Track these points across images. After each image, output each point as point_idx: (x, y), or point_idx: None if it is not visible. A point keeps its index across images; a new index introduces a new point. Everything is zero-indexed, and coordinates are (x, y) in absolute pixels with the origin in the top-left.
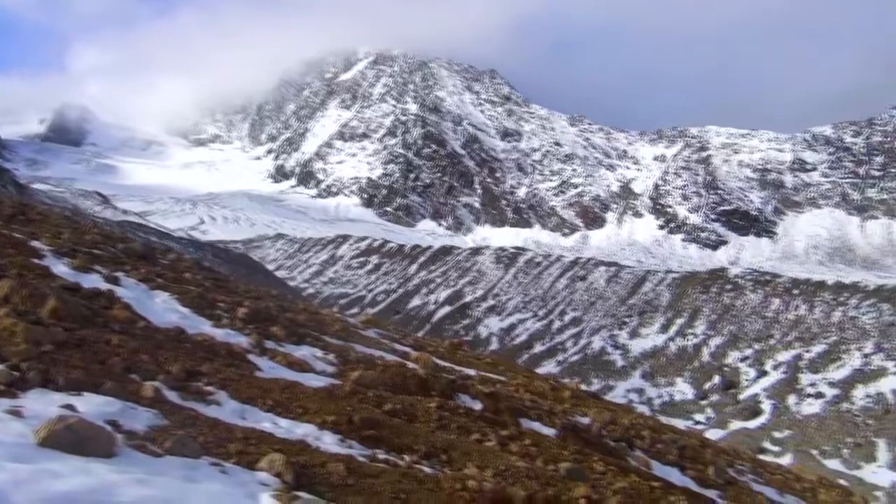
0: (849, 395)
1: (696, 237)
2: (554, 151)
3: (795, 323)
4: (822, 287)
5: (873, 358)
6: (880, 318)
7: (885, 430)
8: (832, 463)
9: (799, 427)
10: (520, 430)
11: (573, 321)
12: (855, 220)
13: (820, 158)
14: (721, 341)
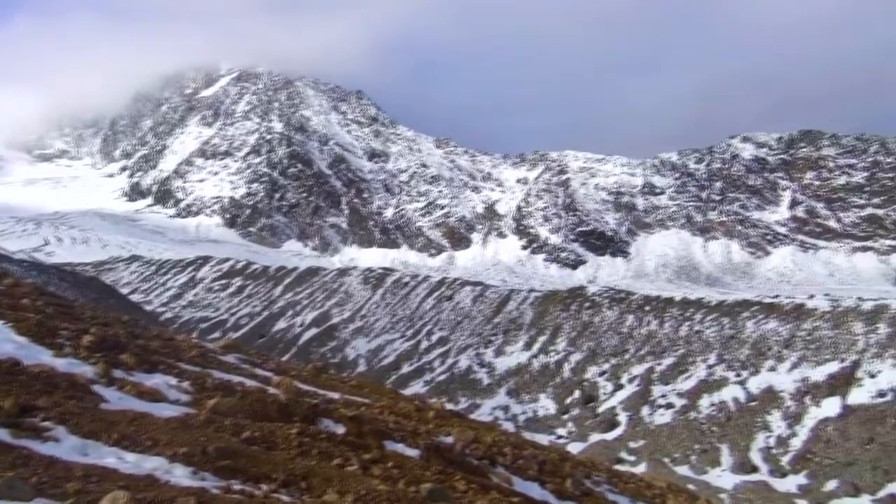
0: (695, 405)
1: (557, 257)
2: (421, 173)
3: (648, 338)
4: (671, 303)
5: (716, 369)
6: (722, 332)
7: (728, 436)
8: (682, 469)
9: (652, 436)
10: (383, 453)
11: (440, 340)
12: (699, 241)
13: (667, 183)
14: (581, 357)
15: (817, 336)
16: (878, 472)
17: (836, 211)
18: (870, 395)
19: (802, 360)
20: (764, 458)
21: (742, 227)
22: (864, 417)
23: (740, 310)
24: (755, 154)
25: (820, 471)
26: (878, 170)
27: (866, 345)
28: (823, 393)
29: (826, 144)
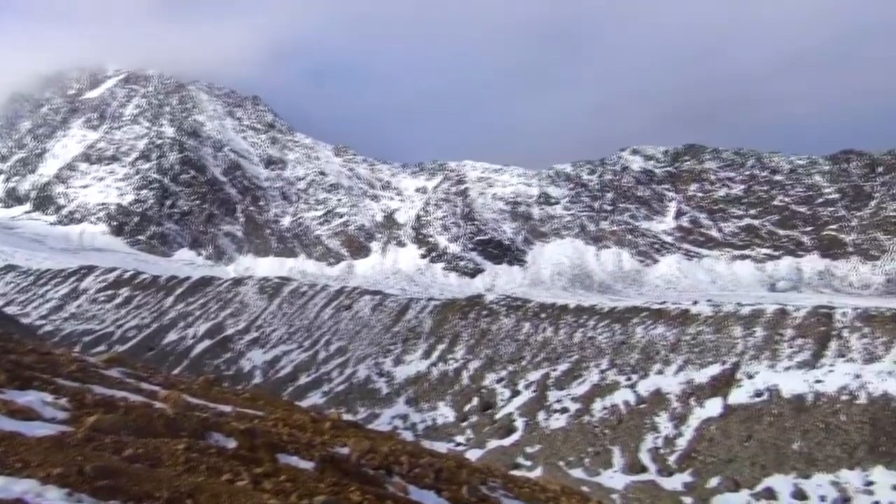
0: (589, 409)
1: (456, 266)
2: (319, 181)
3: (543, 344)
4: (566, 310)
5: (608, 373)
6: (613, 338)
7: (619, 438)
8: (576, 472)
9: (548, 441)
10: (276, 467)
11: (339, 351)
12: (592, 250)
13: (562, 193)
14: (479, 364)
15: (701, 340)
16: (756, 468)
17: (717, 221)
18: (748, 395)
19: (687, 363)
20: (652, 458)
21: (632, 236)
22: (743, 416)
23: (630, 316)
24: (644, 166)
25: (703, 468)
26: (754, 183)
27: (745, 347)
28: (706, 394)
29: (708, 158)
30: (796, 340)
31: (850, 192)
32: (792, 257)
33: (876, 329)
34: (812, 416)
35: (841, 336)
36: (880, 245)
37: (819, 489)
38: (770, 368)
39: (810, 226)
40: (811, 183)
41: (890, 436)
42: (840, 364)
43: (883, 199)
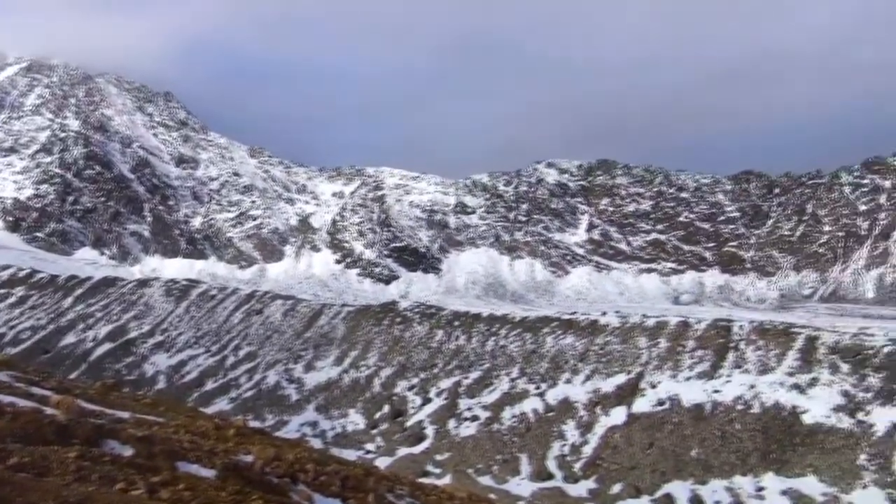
0: (498, 417)
1: (371, 272)
2: (233, 182)
3: (456, 352)
4: (479, 319)
5: (518, 382)
6: (524, 347)
7: (527, 446)
8: (485, 479)
9: (457, 448)
10: (174, 475)
11: (248, 356)
12: (506, 259)
13: (478, 203)
14: (391, 372)
15: (608, 350)
16: (656, 475)
17: (626, 235)
18: (651, 404)
19: (595, 372)
20: (559, 465)
21: (545, 247)
22: (646, 424)
23: (541, 325)
24: (558, 179)
25: (607, 475)
26: (661, 199)
27: (649, 358)
28: (612, 403)
29: (619, 174)
30: (697, 352)
31: (749, 211)
32: (695, 272)
33: (770, 342)
34: (710, 424)
35: (738, 348)
36: (775, 262)
37: (714, 495)
38: (672, 378)
39: (712, 242)
40: (714, 201)
41: (780, 443)
42: (736, 375)
43: (779, 219)
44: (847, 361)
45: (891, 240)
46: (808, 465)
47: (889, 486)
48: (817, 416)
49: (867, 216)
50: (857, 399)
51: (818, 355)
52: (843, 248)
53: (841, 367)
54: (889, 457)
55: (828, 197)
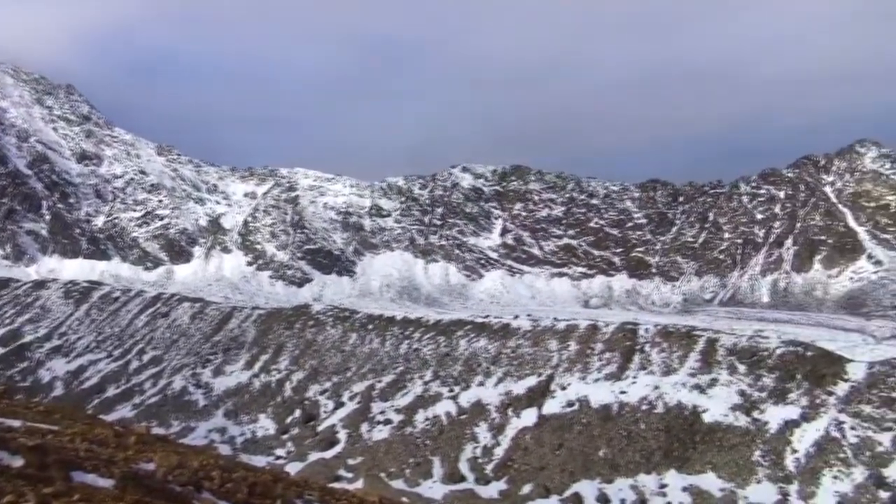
0: (412, 420)
1: (284, 274)
2: (139, 180)
3: (370, 356)
4: (393, 322)
5: (432, 385)
6: (438, 350)
7: (440, 449)
8: (397, 483)
9: (370, 452)
10: (69, 486)
11: (153, 360)
12: (420, 263)
13: (393, 206)
14: (303, 376)
15: (520, 353)
16: (565, 474)
17: (538, 240)
18: (561, 406)
19: (507, 375)
20: (471, 467)
21: (459, 251)
22: (555, 425)
23: (455, 328)
24: (473, 184)
25: (518, 476)
26: (573, 205)
27: (559, 360)
28: (523, 404)
29: (532, 179)
30: (605, 354)
31: (655, 218)
32: (604, 276)
33: (673, 344)
34: (616, 424)
35: (643, 350)
36: (679, 267)
37: (620, 493)
38: (581, 380)
39: (621, 247)
40: (623, 208)
41: (682, 442)
42: (642, 376)
43: (683, 226)
44: (744, 362)
45: (784, 247)
46: (708, 462)
47: (781, 480)
48: (716, 415)
49: (763, 224)
50: (752, 398)
51: (717, 357)
52: (742, 255)
53: (738, 367)
54: (781, 452)
55: (728, 206)
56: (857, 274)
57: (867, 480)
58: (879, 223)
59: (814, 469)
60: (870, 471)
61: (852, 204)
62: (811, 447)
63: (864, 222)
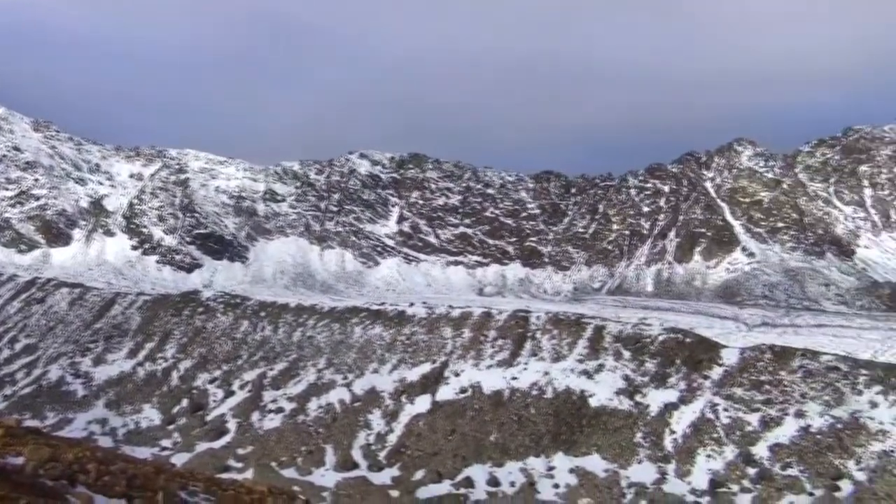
0: (304, 408)
1: (172, 259)
2: (12, 157)
3: (261, 343)
4: (286, 309)
5: (325, 372)
6: (332, 337)
7: (333, 437)
8: (289, 472)
9: (261, 442)
10: None
11: (27, 349)
12: (316, 249)
13: (288, 191)
14: (191, 364)
15: (414, 340)
16: (457, 459)
17: (435, 228)
18: (454, 392)
19: (401, 362)
20: (364, 454)
21: (356, 238)
22: (448, 412)
23: (350, 316)
24: (370, 171)
25: (411, 462)
26: (469, 194)
27: (454, 347)
28: (417, 391)
29: (430, 168)
30: (498, 341)
31: (548, 209)
32: (498, 265)
33: (563, 331)
34: (507, 409)
35: (535, 337)
36: (570, 257)
37: (510, 476)
38: (474, 367)
39: (515, 237)
40: (518, 198)
41: (570, 425)
42: (533, 362)
43: (574, 217)
44: (628, 349)
45: (667, 239)
46: (593, 445)
47: (660, 460)
48: (602, 400)
49: (649, 217)
50: (635, 383)
51: (604, 343)
52: (628, 246)
53: (623, 353)
54: (660, 434)
55: (617, 198)
56: (733, 265)
57: (737, 458)
58: (753, 218)
59: (689, 448)
60: (739, 449)
61: (729, 199)
62: (688, 428)
63: (740, 217)
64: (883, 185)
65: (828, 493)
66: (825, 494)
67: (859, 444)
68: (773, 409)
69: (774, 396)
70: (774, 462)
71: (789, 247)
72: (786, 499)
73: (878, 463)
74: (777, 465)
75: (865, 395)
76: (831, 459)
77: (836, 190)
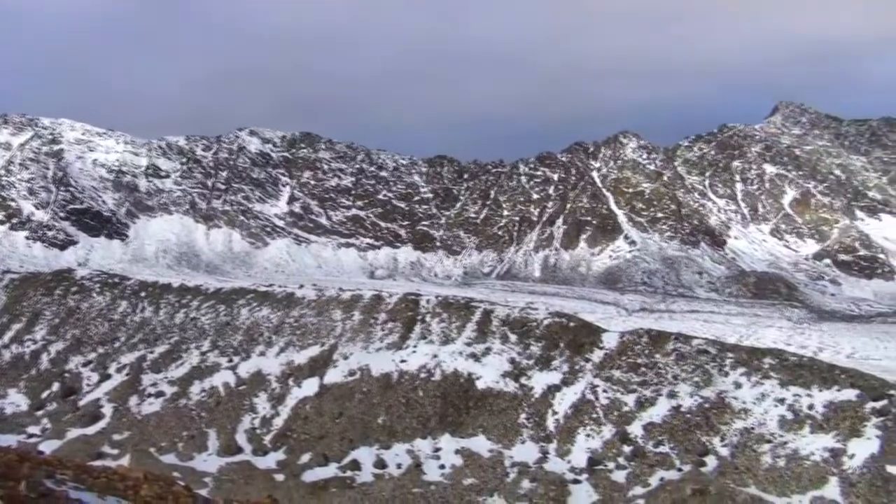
0: (186, 392)
1: (43, 236)
2: None
3: (141, 325)
4: (168, 289)
5: (209, 355)
6: (217, 319)
7: (216, 421)
8: (168, 457)
9: (139, 427)
10: None
11: None
12: (202, 228)
13: (173, 167)
14: (63, 346)
15: (303, 322)
16: (344, 442)
17: (326, 209)
18: (343, 375)
19: (289, 344)
20: (249, 438)
21: (244, 217)
22: (336, 394)
23: (236, 297)
24: (261, 149)
25: (297, 445)
26: (362, 176)
27: (343, 330)
28: (305, 374)
29: (323, 148)
30: (388, 324)
31: (441, 193)
32: (390, 248)
33: (453, 315)
34: (396, 392)
35: (425, 320)
36: (461, 242)
37: (397, 458)
38: (364, 350)
39: (407, 220)
40: (411, 181)
41: (456, 407)
42: (422, 345)
43: (466, 202)
44: (515, 332)
45: (555, 226)
46: (479, 426)
47: (542, 439)
48: (488, 382)
49: (538, 204)
50: (521, 365)
51: (492, 327)
52: (518, 232)
53: (510, 337)
54: (543, 415)
55: (508, 184)
56: (615, 252)
57: (614, 437)
58: (635, 208)
59: (570, 428)
60: (616, 428)
61: (614, 189)
62: (569, 409)
63: (623, 206)
64: (752, 180)
65: (695, 467)
66: (692, 469)
67: (724, 422)
68: (648, 390)
69: (649, 378)
70: (648, 440)
71: (667, 236)
72: (657, 474)
73: (739, 439)
74: (650, 442)
75: (731, 377)
76: (699, 437)
77: (710, 183)
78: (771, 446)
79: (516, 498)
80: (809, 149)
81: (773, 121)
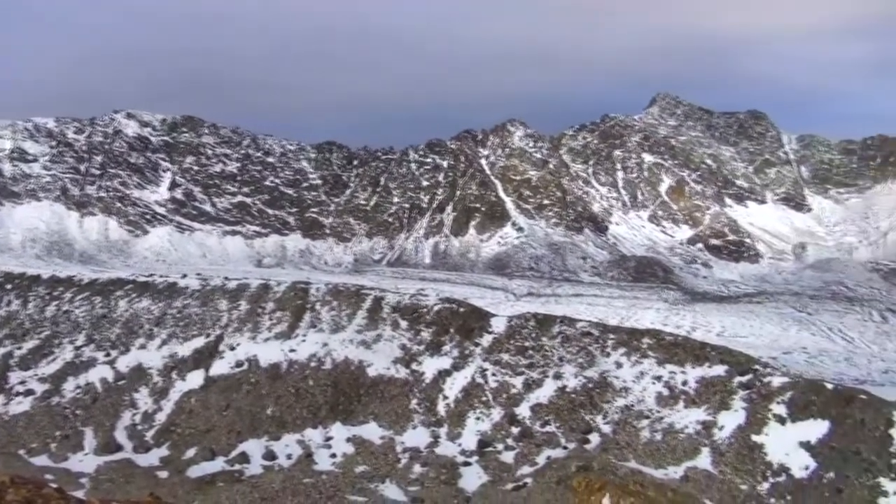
0: (59, 389)
1: None
2: None
3: (7, 319)
4: (38, 281)
5: (85, 350)
6: (93, 311)
7: (94, 418)
8: (40, 459)
9: (6, 428)
10: None
11: None
12: (74, 216)
13: (42, 150)
14: None
15: (187, 313)
16: (232, 435)
17: (211, 196)
18: (230, 366)
19: (172, 336)
20: (129, 435)
21: (122, 204)
22: (223, 386)
23: (114, 288)
24: (139, 132)
25: (181, 441)
26: (249, 162)
27: (229, 320)
28: (189, 367)
29: (206, 133)
30: (276, 313)
31: (330, 180)
32: (278, 235)
33: (343, 302)
34: (285, 382)
35: (314, 309)
36: (351, 229)
37: (287, 448)
38: (251, 340)
39: (296, 207)
40: (299, 168)
41: (347, 396)
42: (312, 334)
43: (356, 189)
44: (406, 319)
45: (445, 213)
46: (371, 413)
47: (433, 424)
48: (379, 369)
49: (428, 191)
50: (412, 351)
51: (383, 314)
52: (408, 219)
53: (401, 323)
54: (434, 400)
55: (398, 171)
56: (504, 239)
57: (502, 419)
58: (523, 195)
59: (460, 412)
60: (505, 410)
61: (502, 176)
62: (459, 393)
63: (511, 193)
64: (632, 168)
65: (579, 445)
66: (577, 447)
67: (606, 401)
68: (535, 372)
69: (536, 361)
70: (535, 420)
71: (553, 222)
72: (544, 453)
73: (620, 416)
74: (537, 423)
75: (612, 357)
76: (583, 415)
77: (594, 171)
78: (649, 422)
79: (408, 483)
80: (684, 139)
81: (651, 112)
